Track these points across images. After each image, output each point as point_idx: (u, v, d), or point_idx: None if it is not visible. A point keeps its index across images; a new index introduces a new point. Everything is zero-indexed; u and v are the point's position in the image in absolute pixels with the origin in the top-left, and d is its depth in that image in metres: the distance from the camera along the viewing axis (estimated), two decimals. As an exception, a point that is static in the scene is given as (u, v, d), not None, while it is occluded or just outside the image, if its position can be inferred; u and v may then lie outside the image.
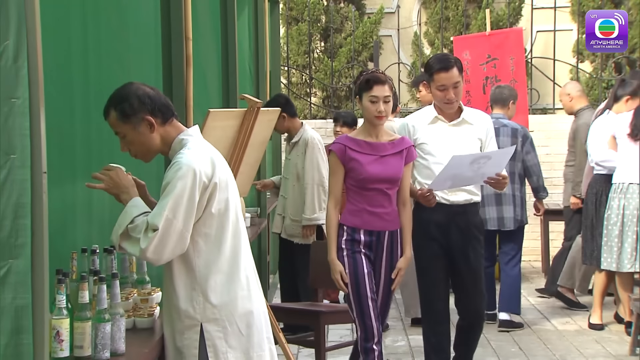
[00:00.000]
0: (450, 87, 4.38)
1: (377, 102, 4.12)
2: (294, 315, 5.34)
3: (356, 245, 4.24)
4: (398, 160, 4.22)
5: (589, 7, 10.89)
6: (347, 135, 4.31)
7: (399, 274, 4.28)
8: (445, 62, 4.38)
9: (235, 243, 2.85)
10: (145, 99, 2.77)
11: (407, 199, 4.31)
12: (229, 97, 5.34)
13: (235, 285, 2.83)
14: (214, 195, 2.77)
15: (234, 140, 4.32)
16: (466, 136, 4.49)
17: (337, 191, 4.27)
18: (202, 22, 4.69)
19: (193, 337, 2.79)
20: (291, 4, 11.14)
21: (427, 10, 11.70)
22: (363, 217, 4.22)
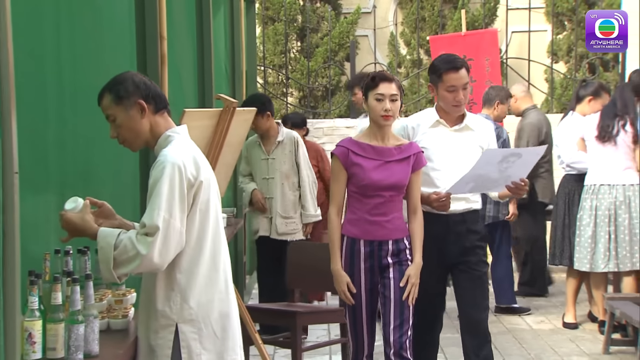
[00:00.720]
0: (460, 88, 4.15)
1: (384, 100, 3.90)
2: (270, 315, 5.33)
3: (356, 257, 4.01)
4: (404, 166, 3.98)
5: (563, 7, 10.99)
6: (351, 138, 4.09)
7: (409, 282, 3.99)
8: (454, 62, 4.17)
9: (215, 244, 2.84)
10: (141, 84, 2.80)
11: (418, 207, 4.07)
12: (204, 96, 5.32)
13: (214, 287, 2.82)
14: (198, 195, 2.76)
15: (210, 140, 4.30)
16: (468, 143, 4.24)
17: (340, 198, 4.05)
18: (177, 21, 4.67)
19: (167, 336, 2.77)
20: (267, 3, 11.12)
21: (403, 11, 11.73)
22: (362, 227, 3.98)
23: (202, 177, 2.77)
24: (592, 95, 6.37)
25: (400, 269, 3.99)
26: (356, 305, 4.01)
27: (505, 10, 10.25)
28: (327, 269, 5.27)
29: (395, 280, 3.98)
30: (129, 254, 2.63)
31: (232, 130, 4.41)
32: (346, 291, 3.98)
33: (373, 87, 3.94)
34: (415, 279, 3.99)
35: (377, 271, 4.00)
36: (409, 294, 3.97)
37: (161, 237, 2.63)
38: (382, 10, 11.56)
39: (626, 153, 5.96)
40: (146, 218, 2.66)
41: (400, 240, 4.01)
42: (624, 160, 5.96)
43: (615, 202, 5.95)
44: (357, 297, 4.00)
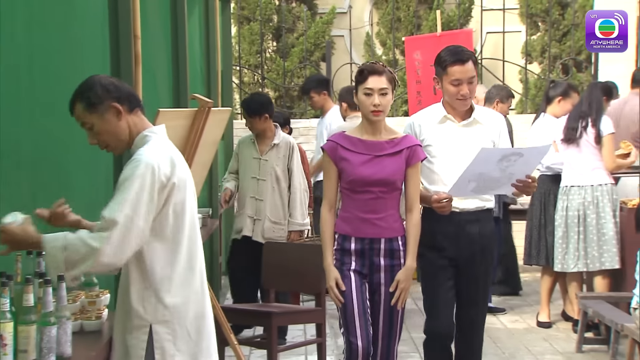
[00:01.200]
0: (465, 82, 3.95)
1: (372, 94, 3.73)
2: (245, 316, 5.31)
3: (346, 256, 3.85)
4: (396, 160, 3.79)
5: (536, 9, 11.06)
6: (342, 133, 3.94)
7: (398, 287, 3.80)
8: (461, 55, 3.97)
9: (191, 245, 2.82)
10: (110, 87, 2.76)
11: (414, 205, 3.86)
12: (179, 96, 5.29)
13: (190, 288, 2.80)
14: (172, 196, 2.74)
15: (185, 140, 4.28)
16: (478, 137, 4.03)
17: (332, 194, 3.90)
18: (151, 21, 4.64)
19: (141, 337, 2.75)
20: (242, 3, 11.09)
21: (378, 11, 11.75)
22: (353, 224, 3.83)
23: (175, 179, 2.74)
24: (561, 96, 6.43)
25: (391, 272, 3.83)
26: (347, 304, 3.84)
27: (480, 11, 10.30)
28: (302, 269, 5.29)
29: (385, 284, 3.83)
30: (81, 252, 2.58)
31: (208, 130, 4.40)
32: (334, 288, 3.83)
33: (361, 80, 3.78)
34: (406, 283, 3.81)
35: (367, 271, 3.85)
36: (399, 300, 3.81)
37: (119, 232, 2.59)
38: (357, 11, 11.58)
39: (593, 154, 6.01)
40: (106, 211, 2.62)
41: (394, 239, 3.83)
42: (591, 160, 6.02)
43: (584, 203, 6.01)
44: (348, 296, 3.83)
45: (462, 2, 10.99)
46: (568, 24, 11.09)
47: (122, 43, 3.73)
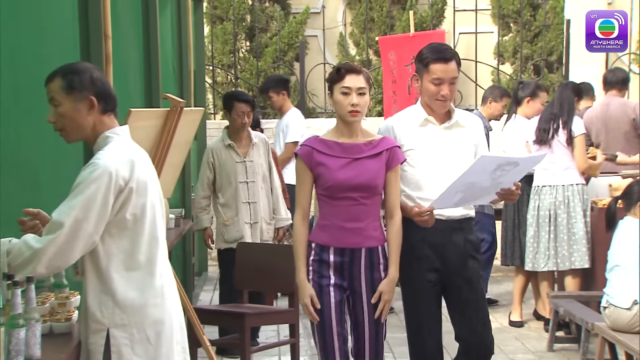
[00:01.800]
0: (447, 82, 3.73)
1: (350, 93, 3.52)
2: (218, 317, 5.29)
3: (324, 269, 3.59)
4: (376, 163, 3.57)
5: (508, 10, 11.14)
6: (316, 136, 3.70)
7: (381, 299, 3.58)
8: (444, 53, 3.76)
9: (151, 249, 2.79)
10: (98, 82, 2.75)
11: (395, 211, 3.63)
12: (151, 96, 5.25)
13: (148, 292, 2.77)
14: (130, 200, 2.70)
15: (157, 140, 4.26)
16: (459, 141, 3.84)
17: (305, 202, 3.65)
18: (122, 20, 4.60)
19: (98, 341, 2.72)
20: (215, 2, 11.05)
21: (352, 11, 11.76)
22: (332, 233, 3.57)
23: (134, 183, 2.70)
24: (529, 96, 6.48)
25: (373, 283, 3.60)
26: (324, 323, 3.56)
27: (452, 11, 10.34)
28: (275, 269, 5.28)
29: (367, 296, 3.59)
30: (24, 255, 2.55)
31: (180, 131, 4.37)
32: (309, 305, 3.56)
33: (338, 79, 3.57)
34: (389, 295, 3.59)
35: (347, 283, 3.60)
36: (382, 312, 3.59)
37: (65, 235, 2.55)
38: (331, 11, 11.58)
39: (564, 154, 6.07)
40: (55, 213, 2.58)
41: (375, 249, 3.60)
42: (563, 161, 6.08)
43: (555, 202, 6.07)
44: (326, 314, 3.56)
45: (435, 2, 11.03)
46: (539, 25, 11.17)
47: (93, 42, 3.69)
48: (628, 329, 4.77)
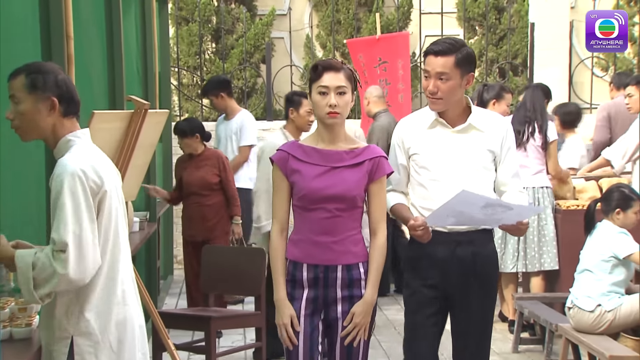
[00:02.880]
0: (433, 77, 3.41)
1: (328, 93, 3.20)
2: (184, 321, 5.25)
3: (297, 289, 3.26)
4: (356, 174, 3.24)
5: (474, 13, 11.20)
6: (295, 141, 3.41)
7: (353, 321, 3.22)
8: (436, 45, 3.43)
9: (114, 254, 2.78)
10: (62, 84, 2.73)
11: (379, 227, 3.29)
12: (115, 98, 5.20)
13: (111, 298, 2.76)
14: (103, 204, 2.70)
15: (121, 142, 4.22)
16: (473, 147, 3.47)
17: (282, 213, 3.31)
18: (85, 21, 4.54)
19: (62, 349, 2.69)
20: (181, 4, 10.96)
21: (318, 13, 11.75)
22: (304, 248, 3.25)
23: (106, 187, 2.70)
24: (495, 98, 6.51)
25: (350, 305, 3.24)
26: (298, 352, 3.24)
27: (418, 14, 10.38)
28: (241, 272, 5.25)
29: (343, 319, 3.24)
30: (47, 271, 2.57)
31: (144, 133, 4.34)
32: (288, 327, 3.23)
33: (315, 78, 3.25)
34: (362, 318, 3.22)
35: (321, 306, 3.27)
36: (356, 337, 3.24)
37: (74, 252, 2.57)
38: (297, 13, 11.55)
39: (537, 158, 6.13)
40: (54, 234, 2.59)
41: (354, 266, 3.25)
42: (535, 164, 6.13)
43: (524, 204, 6.10)
44: (298, 343, 3.25)
45: (401, 5, 11.07)
46: (504, 29, 11.26)
47: (54, 43, 3.64)
48: (591, 330, 4.83)
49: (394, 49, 8.54)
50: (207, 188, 6.21)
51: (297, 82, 10.40)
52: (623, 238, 4.81)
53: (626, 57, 10.94)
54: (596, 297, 4.80)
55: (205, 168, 6.21)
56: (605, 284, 4.81)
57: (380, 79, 8.47)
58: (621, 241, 4.79)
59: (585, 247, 4.98)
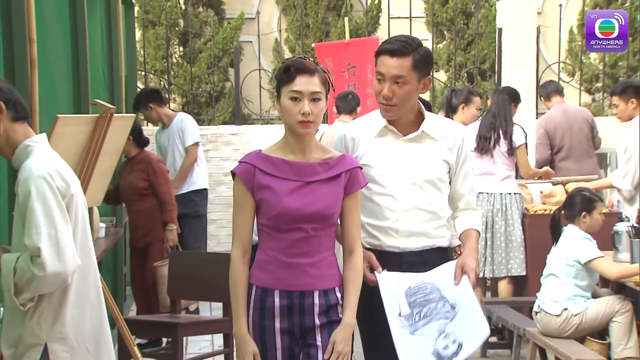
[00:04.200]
0: (389, 80, 3.06)
1: (301, 99, 2.85)
2: (151, 328, 5.19)
3: (268, 318, 2.87)
4: (333, 188, 2.90)
5: (442, 18, 11.26)
6: (259, 152, 2.95)
7: (335, 351, 2.87)
8: (392, 44, 3.08)
9: (84, 258, 2.75)
10: (5, 88, 2.70)
11: (356, 245, 2.97)
12: (80, 102, 5.12)
13: (85, 301, 2.74)
14: (71, 208, 2.67)
15: (86, 147, 4.17)
16: (426, 157, 3.16)
17: (245, 233, 2.92)
18: (48, 24, 4.47)
19: (34, 356, 2.65)
20: (147, 7, 10.88)
21: (287, 17, 11.74)
22: (276, 272, 2.87)
23: (72, 190, 2.68)
24: (463, 103, 6.52)
25: (329, 332, 2.90)
26: None
27: (387, 19, 10.40)
28: (209, 278, 5.20)
29: (323, 349, 2.90)
30: (26, 276, 2.54)
31: (110, 137, 4.29)
32: None
33: (287, 81, 2.87)
34: (344, 346, 2.88)
35: (298, 336, 2.90)
36: None
37: (50, 253, 2.54)
38: (266, 16, 11.54)
39: (504, 164, 6.14)
40: (27, 239, 2.57)
41: (331, 291, 2.92)
42: (502, 171, 6.15)
43: (492, 210, 6.12)
44: None
45: (370, 9, 11.09)
46: (472, 34, 11.33)
47: (16, 47, 3.58)
48: (558, 334, 4.85)
49: (363, 53, 8.53)
50: (136, 194, 6.04)
51: (266, 87, 10.37)
52: (585, 243, 4.83)
53: (592, 62, 11.06)
54: (562, 302, 4.82)
55: (134, 173, 6.05)
56: (571, 288, 4.83)
57: (349, 84, 8.46)
58: (583, 247, 4.81)
59: (552, 252, 5.01)
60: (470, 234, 3.25)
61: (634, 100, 6.10)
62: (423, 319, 3.00)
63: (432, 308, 3.01)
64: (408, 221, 3.15)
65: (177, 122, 7.05)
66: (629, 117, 6.17)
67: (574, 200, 5.03)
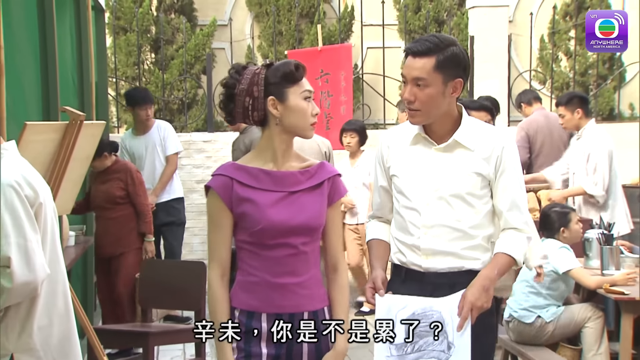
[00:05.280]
0: (410, 82, 2.83)
1: (312, 99, 2.69)
2: (121, 337, 5.13)
3: (254, 344, 2.63)
4: (317, 197, 2.70)
5: (415, 25, 11.29)
6: (234, 163, 2.72)
7: None
8: (420, 44, 2.82)
9: (52, 267, 2.70)
10: None
11: (340, 261, 2.77)
12: (49, 109, 5.05)
13: (53, 311, 2.69)
14: (39, 217, 2.63)
15: (55, 155, 4.12)
16: (456, 169, 2.87)
17: (223, 253, 2.68)
18: (16, 29, 4.41)
19: None
20: (118, 13, 10.80)
21: (259, 24, 11.70)
22: (262, 294, 2.64)
23: (41, 199, 2.63)
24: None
25: (319, 357, 2.68)
26: None
27: (360, 26, 10.42)
28: (180, 286, 5.14)
29: None
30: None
31: (80, 145, 4.25)
32: None
33: (298, 79, 2.68)
34: None
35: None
36: None
37: (19, 262, 2.48)
38: (238, 23, 11.49)
39: None
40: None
41: (321, 312, 2.71)
42: None
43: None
44: None
45: (343, 17, 11.10)
46: (444, 41, 11.38)
47: (-17, 52, 3.52)
48: (532, 342, 4.87)
49: (336, 60, 8.54)
50: (111, 202, 5.99)
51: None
52: (564, 253, 4.87)
53: (563, 71, 11.16)
54: (535, 310, 4.84)
55: (111, 182, 6.00)
56: (543, 297, 4.86)
57: (322, 91, 8.46)
58: (562, 257, 4.84)
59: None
60: (495, 259, 2.85)
61: (580, 110, 6.19)
62: (414, 353, 2.73)
63: (428, 342, 2.73)
64: (432, 239, 2.87)
65: (157, 130, 7.03)
66: (575, 126, 6.29)
67: (549, 219, 5.06)
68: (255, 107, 2.65)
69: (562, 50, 11.36)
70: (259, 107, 2.65)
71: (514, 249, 2.87)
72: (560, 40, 11.17)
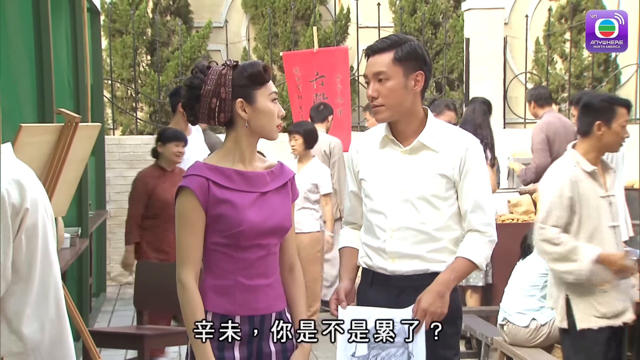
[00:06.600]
0: (372, 79, 2.84)
1: (277, 101, 2.67)
2: (117, 340, 5.13)
3: (227, 349, 2.58)
4: (284, 198, 2.69)
5: (410, 27, 11.32)
6: (205, 163, 2.64)
7: None
8: (379, 43, 2.86)
9: (44, 269, 2.68)
10: None
11: (296, 260, 2.75)
12: (44, 111, 5.05)
13: (44, 314, 2.66)
14: (25, 221, 2.58)
15: (50, 157, 4.11)
16: (421, 171, 2.85)
17: (196, 255, 2.60)
18: (11, 32, 4.41)
19: None
20: (114, 15, 10.80)
21: (255, 26, 11.72)
22: (237, 296, 2.59)
23: (28, 204, 2.60)
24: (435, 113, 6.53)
25: (287, 355, 2.66)
26: None
27: (356, 28, 10.43)
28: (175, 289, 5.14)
29: None
30: None
31: (75, 147, 4.24)
32: None
33: (264, 81, 2.63)
34: None
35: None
36: None
37: None
38: (234, 25, 11.51)
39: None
40: None
41: (283, 312, 2.69)
42: None
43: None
44: None
45: (339, 19, 11.12)
46: (440, 44, 11.40)
47: (-22, 54, 3.51)
48: (528, 344, 4.87)
49: (332, 63, 8.54)
50: (172, 208, 5.77)
51: (234, 95, 10.35)
52: None
53: (558, 73, 11.19)
54: (529, 313, 4.84)
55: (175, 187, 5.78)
56: (537, 299, 4.85)
57: (317, 94, 8.45)
58: None
59: (519, 264, 5.02)
60: (453, 263, 2.84)
61: None
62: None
63: (391, 354, 2.71)
64: (397, 242, 2.86)
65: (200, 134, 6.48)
66: None
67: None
68: (222, 108, 2.59)
69: (557, 52, 11.40)
70: (227, 109, 2.60)
71: (474, 253, 2.88)
72: (556, 43, 11.21)
